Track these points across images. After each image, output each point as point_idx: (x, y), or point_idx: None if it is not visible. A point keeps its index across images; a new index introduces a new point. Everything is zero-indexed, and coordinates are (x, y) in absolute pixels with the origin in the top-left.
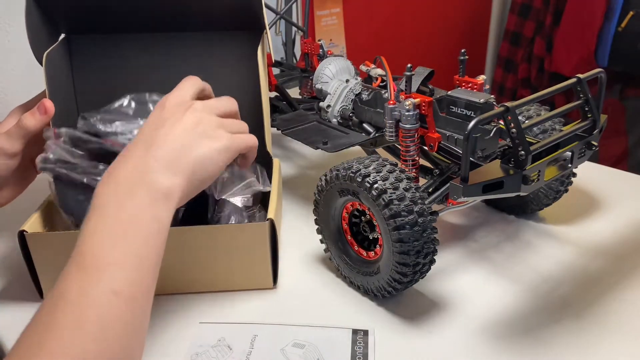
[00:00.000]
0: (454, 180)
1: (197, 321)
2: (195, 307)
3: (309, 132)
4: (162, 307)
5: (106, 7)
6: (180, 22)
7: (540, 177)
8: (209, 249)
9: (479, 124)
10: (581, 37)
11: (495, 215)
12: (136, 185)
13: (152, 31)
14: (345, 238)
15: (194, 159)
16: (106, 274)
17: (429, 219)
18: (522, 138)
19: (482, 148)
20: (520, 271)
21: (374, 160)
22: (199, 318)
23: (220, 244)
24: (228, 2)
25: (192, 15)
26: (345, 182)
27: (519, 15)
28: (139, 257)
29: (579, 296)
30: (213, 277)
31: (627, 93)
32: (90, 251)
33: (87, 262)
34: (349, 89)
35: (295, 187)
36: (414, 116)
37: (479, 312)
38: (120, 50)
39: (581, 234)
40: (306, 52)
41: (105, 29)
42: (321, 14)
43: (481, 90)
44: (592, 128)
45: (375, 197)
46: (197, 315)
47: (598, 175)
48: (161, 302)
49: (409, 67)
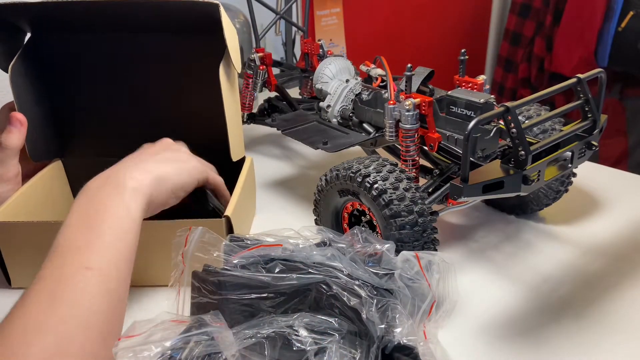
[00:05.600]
0: (454, 180)
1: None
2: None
3: (309, 132)
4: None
5: (71, 8)
6: (144, 23)
7: (540, 177)
8: (164, 245)
9: (479, 124)
10: (581, 37)
11: (495, 215)
12: (105, 184)
13: (116, 31)
14: None
15: (161, 165)
16: (77, 254)
17: (429, 219)
18: (522, 138)
19: (482, 148)
20: (520, 271)
21: (374, 160)
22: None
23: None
24: (189, 10)
25: (155, 17)
26: (345, 182)
27: (519, 15)
28: (108, 240)
29: (579, 296)
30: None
31: (627, 93)
32: (63, 239)
33: (60, 248)
34: (349, 89)
35: (296, 187)
36: (414, 116)
37: (479, 312)
38: (84, 50)
39: (581, 234)
40: (306, 52)
41: (70, 29)
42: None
43: (481, 90)
44: (592, 128)
45: (375, 197)
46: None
47: (598, 175)
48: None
49: (409, 67)
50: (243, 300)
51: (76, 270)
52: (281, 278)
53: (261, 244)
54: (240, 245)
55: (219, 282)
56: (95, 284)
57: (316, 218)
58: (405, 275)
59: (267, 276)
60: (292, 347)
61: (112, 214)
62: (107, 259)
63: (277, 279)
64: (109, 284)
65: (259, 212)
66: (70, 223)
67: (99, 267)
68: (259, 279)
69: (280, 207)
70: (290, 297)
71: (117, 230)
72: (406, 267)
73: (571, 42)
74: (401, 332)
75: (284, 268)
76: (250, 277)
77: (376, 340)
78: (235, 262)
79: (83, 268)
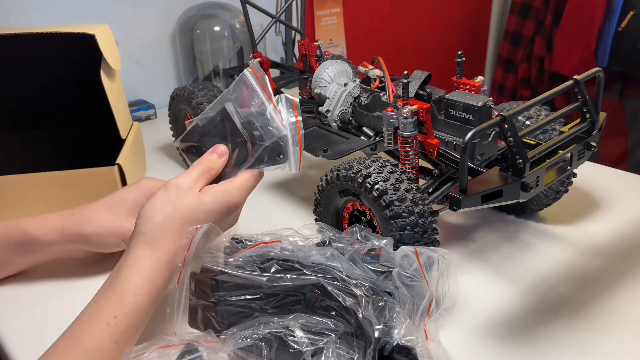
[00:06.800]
0: (452, 190)
1: None
2: None
3: (309, 139)
4: None
5: None
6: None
7: (539, 183)
8: (62, 196)
9: (475, 136)
10: (581, 37)
11: (495, 215)
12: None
13: None
14: None
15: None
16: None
17: (429, 220)
18: (520, 147)
19: (482, 152)
20: (519, 271)
21: (375, 161)
22: None
23: (71, 190)
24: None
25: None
26: (346, 182)
27: (519, 15)
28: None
29: (578, 296)
30: None
31: (627, 93)
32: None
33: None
34: (347, 93)
35: (295, 188)
36: (412, 123)
37: (479, 312)
38: None
39: (581, 234)
40: (304, 53)
41: None
42: (321, 14)
43: (479, 92)
44: (590, 129)
45: (376, 198)
46: None
47: (598, 175)
48: None
49: (405, 74)
50: (238, 301)
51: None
52: (275, 279)
53: (260, 242)
54: (241, 245)
55: (216, 283)
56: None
57: (316, 218)
58: (404, 273)
59: (262, 276)
60: (288, 348)
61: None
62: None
63: (271, 280)
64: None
65: (260, 212)
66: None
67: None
68: (254, 280)
69: (280, 206)
70: (284, 298)
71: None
72: (405, 264)
73: (571, 42)
74: (399, 332)
75: (280, 268)
76: (245, 278)
77: (373, 341)
78: (231, 260)
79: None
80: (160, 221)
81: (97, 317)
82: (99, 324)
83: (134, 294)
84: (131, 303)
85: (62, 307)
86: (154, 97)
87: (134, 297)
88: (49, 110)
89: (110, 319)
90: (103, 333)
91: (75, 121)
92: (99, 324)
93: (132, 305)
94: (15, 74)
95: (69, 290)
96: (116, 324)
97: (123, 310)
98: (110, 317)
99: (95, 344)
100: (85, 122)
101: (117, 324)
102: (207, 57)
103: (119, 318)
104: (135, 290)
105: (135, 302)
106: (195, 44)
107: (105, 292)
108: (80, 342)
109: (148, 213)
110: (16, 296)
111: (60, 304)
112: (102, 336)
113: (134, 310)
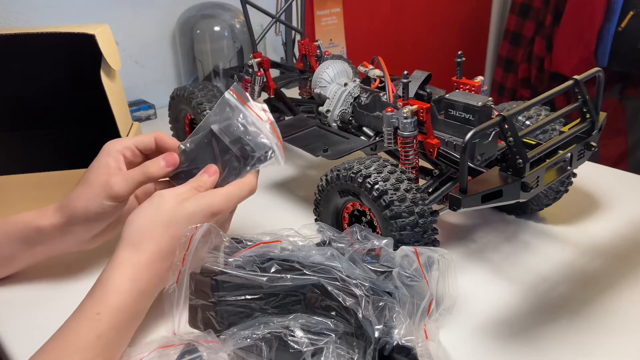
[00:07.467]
0: (452, 190)
1: None
2: None
3: (310, 139)
4: None
5: None
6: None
7: (539, 183)
8: (62, 196)
9: (475, 136)
10: (581, 37)
11: (495, 215)
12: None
13: None
14: None
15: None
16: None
17: (429, 220)
18: (520, 147)
19: (482, 152)
20: (519, 271)
21: (375, 161)
22: None
23: (71, 190)
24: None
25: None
26: (346, 182)
27: (519, 15)
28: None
29: (578, 296)
30: None
31: (627, 93)
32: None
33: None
34: (347, 93)
35: (295, 188)
36: (412, 123)
37: (479, 312)
38: None
39: (581, 234)
40: (304, 53)
41: None
42: (321, 14)
43: (479, 92)
44: (590, 129)
45: (376, 198)
46: None
47: (598, 175)
48: None
49: (405, 75)
50: (238, 301)
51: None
52: (275, 279)
53: (260, 242)
54: (241, 245)
55: (216, 283)
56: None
57: (316, 218)
58: (404, 273)
59: (262, 276)
60: (288, 348)
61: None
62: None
63: (271, 280)
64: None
65: (260, 212)
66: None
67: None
68: (254, 280)
69: (280, 207)
70: (284, 298)
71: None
72: (405, 264)
73: (571, 42)
74: (399, 332)
75: (280, 268)
76: (245, 278)
77: (373, 341)
78: (231, 260)
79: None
80: (142, 224)
81: (82, 313)
82: (84, 320)
83: (115, 291)
84: (113, 300)
85: (61, 307)
86: (154, 97)
87: (115, 295)
88: (49, 110)
89: (94, 315)
90: (87, 328)
91: (76, 121)
92: (83, 320)
93: (114, 302)
94: (15, 74)
95: (68, 290)
96: (99, 320)
97: (106, 306)
98: (93, 314)
99: (80, 339)
100: (85, 122)
101: (100, 320)
102: (207, 57)
103: (102, 314)
104: (117, 288)
105: (117, 299)
106: (195, 44)
107: (92, 291)
108: (67, 337)
109: (132, 218)
110: (16, 296)
111: (60, 304)
112: (86, 331)
113: (116, 308)
